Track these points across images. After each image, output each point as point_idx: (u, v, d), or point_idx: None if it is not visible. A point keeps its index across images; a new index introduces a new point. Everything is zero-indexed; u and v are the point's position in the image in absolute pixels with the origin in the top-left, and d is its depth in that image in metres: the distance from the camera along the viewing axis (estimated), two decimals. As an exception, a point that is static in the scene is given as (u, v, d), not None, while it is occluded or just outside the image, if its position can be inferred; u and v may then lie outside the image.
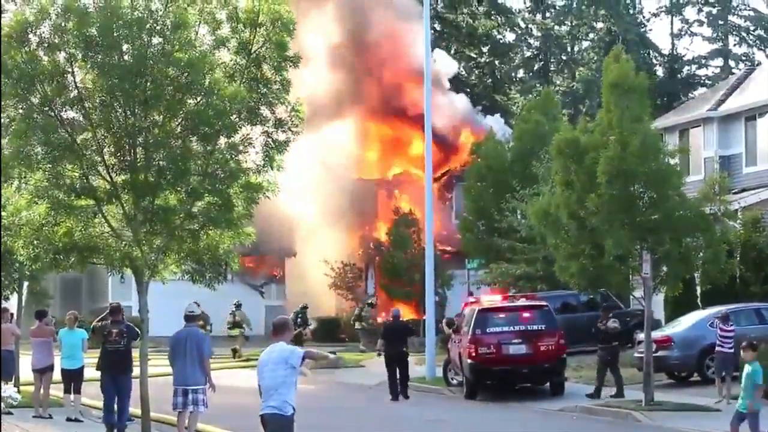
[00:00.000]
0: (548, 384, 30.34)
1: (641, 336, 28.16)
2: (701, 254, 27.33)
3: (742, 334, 27.14)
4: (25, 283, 31.73)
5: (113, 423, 21.72)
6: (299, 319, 47.57)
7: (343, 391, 33.96)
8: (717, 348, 26.98)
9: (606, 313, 29.54)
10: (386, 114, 61.08)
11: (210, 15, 19.46)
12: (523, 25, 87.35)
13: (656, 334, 29.10)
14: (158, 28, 19.02)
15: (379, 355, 33.12)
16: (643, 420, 24.60)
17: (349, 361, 43.31)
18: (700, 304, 34.56)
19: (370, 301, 51.40)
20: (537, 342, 29.76)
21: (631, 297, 30.18)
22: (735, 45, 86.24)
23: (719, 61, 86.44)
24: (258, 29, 19.44)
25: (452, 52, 78.01)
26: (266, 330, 50.25)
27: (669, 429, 23.27)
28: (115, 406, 21.72)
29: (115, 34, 18.77)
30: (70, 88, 19.21)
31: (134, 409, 21.96)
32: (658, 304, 33.27)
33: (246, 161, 19.95)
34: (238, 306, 47.36)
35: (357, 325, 50.24)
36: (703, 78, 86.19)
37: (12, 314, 27.18)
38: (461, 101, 65.37)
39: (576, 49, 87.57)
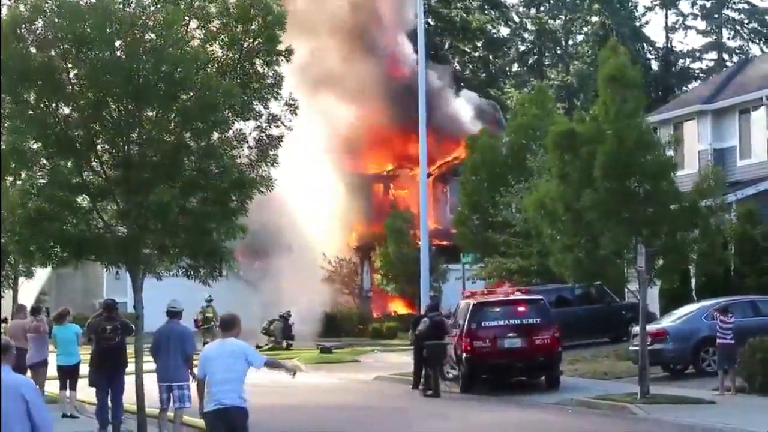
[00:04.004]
0: (544, 377, 30.36)
1: (636, 329, 28.17)
2: (696, 247, 27.36)
3: (737, 326, 27.17)
4: (21, 279, 31.73)
5: (107, 419, 21.68)
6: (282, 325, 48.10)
7: (340, 386, 33.98)
8: (718, 340, 26.93)
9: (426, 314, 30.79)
10: (385, 108, 61.13)
11: (201, 9, 19.42)
12: (517, 19, 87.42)
13: (651, 327, 29.11)
14: (150, 24, 18.99)
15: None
16: (639, 413, 24.60)
17: (347, 355, 43.40)
18: (695, 296, 34.57)
19: (208, 298, 45.38)
20: (532, 336, 29.75)
21: (627, 290, 30.22)
22: (729, 38, 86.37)
23: (713, 55, 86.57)
24: (249, 24, 19.41)
25: (446, 46, 78.11)
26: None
27: (664, 422, 23.26)
28: (109, 402, 21.68)
29: (108, 31, 18.73)
30: (65, 84, 19.17)
31: (129, 404, 21.92)
32: (653, 296, 33.29)
33: (240, 156, 19.92)
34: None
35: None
36: (698, 71, 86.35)
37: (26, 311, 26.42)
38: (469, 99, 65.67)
39: (570, 42, 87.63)
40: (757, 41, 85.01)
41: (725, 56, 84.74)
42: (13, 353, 10.03)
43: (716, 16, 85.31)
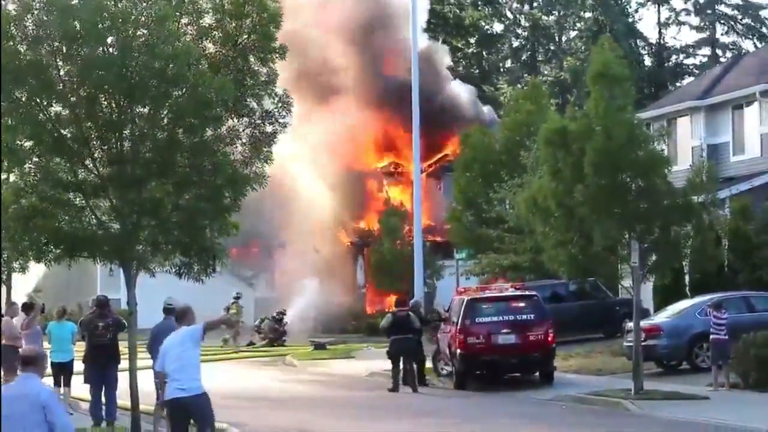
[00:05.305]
0: (538, 374, 30.36)
1: (630, 325, 28.18)
2: (689, 242, 27.37)
3: (731, 322, 27.20)
4: (15, 276, 31.64)
5: (100, 416, 21.69)
6: (277, 324, 48.29)
7: (332, 382, 33.96)
8: (712, 336, 26.94)
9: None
10: (378, 103, 61.04)
11: (192, 5, 19.37)
12: (510, 15, 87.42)
13: (645, 323, 29.12)
14: (142, 20, 18.94)
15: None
16: (633, 409, 24.60)
17: (341, 352, 43.39)
18: (688, 292, 34.58)
19: (236, 294, 49.10)
20: (526, 332, 29.73)
21: (620, 286, 30.23)
22: (722, 34, 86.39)
23: (707, 50, 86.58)
24: (244, 21, 19.38)
25: (440, 42, 78.05)
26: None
27: (658, 418, 23.27)
28: (103, 399, 21.70)
29: (99, 26, 18.68)
30: (56, 82, 19.12)
31: (123, 401, 21.93)
32: (647, 292, 33.30)
33: (234, 153, 19.90)
34: None
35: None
36: (691, 67, 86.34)
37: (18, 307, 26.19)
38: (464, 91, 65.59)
39: (564, 39, 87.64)
40: (751, 37, 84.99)
41: (718, 52, 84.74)
42: (42, 363, 10.51)
43: (709, 11, 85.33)
